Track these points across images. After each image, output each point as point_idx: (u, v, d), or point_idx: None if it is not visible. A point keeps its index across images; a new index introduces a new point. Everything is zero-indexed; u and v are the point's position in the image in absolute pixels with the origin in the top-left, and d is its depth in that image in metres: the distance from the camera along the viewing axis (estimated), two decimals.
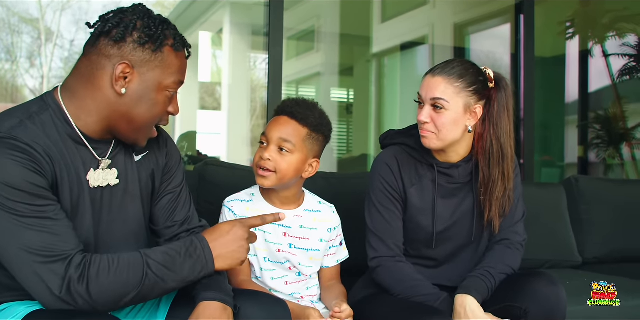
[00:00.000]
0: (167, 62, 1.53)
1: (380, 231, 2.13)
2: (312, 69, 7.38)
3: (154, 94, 1.53)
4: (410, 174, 2.14)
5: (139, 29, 1.49)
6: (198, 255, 1.51)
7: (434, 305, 1.99)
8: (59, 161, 1.46)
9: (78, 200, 1.51)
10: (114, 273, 1.39)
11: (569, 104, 6.81)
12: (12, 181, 1.35)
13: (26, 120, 1.45)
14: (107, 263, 1.40)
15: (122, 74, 1.48)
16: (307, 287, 2.13)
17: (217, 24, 7.07)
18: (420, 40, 7.03)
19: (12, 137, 1.39)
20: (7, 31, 5.67)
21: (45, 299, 1.37)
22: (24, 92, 5.82)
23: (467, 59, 2.15)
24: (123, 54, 1.48)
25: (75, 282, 1.35)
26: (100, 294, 1.37)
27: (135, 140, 1.59)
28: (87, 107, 1.51)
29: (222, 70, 7.08)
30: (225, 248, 1.55)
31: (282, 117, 2.03)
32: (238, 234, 1.58)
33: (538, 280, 1.98)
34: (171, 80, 1.54)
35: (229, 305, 1.55)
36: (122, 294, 1.40)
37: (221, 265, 1.56)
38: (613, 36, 6.40)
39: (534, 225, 2.93)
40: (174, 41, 1.54)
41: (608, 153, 6.32)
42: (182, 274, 1.48)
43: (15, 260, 1.37)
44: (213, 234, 1.57)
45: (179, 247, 1.50)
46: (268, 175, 1.98)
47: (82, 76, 1.51)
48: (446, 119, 2.00)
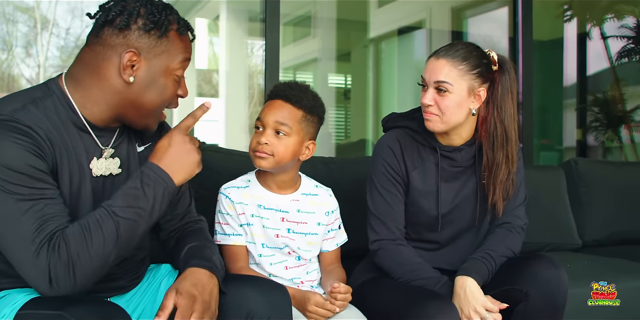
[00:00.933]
0: (173, 46, 1.53)
1: (381, 214, 2.13)
2: (309, 55, 7.35)
3: (162, 78, 1.53)
4: (412, 157, 2.14)
5: (142, 15, 1.49)
6: (154, 180, 1.47)
7: (434, 288, 2.00)
8: (59, 146, 1.46)
9: (79, 187, 1.51)
10: (90, 239, 1.37)
11: (567, 87, 6.80)
12: (13, 163, 1.34)
13: (29, 105, 1.44)
14: (79, 231, 1.38)
15: (129, 62, 1.48)
16: (307, 271, 2.13)
17: (214, 11, 7.03)
18: (417, 25, 7.00)
19: (14, 120, 1.39)
20: (3, 20, 5.63)
21: (38, 287, 1.37)
22: (21, 81, 5.80)
23: (471, 42, 2.14)
24: (128, 42, 1.48)
25: (55, 264, 1.34)
26: (84, 264, 1.37)
27: (146, 125, 1.60)
28: (93, 96, 1.51)
29: (219, 57, 7.05)
30: (175, 160, 1.52)
31: (277, 100, 2.03)
32: (179, 141, 1.54)
33: (539, 262, 1.98)
34: (178, 63, 1.54)
35: (216, 276, 1.55)
36: (107, 253, 1.39)
37: (180, 177, 1.52)
38: (611, 18, 6.39)
39: (534, 208, 2.93)
40: (178, 25, 1.55)
41: (607, 136, 6.33)
42: (149, 205, 1.46)
43: (11, 246, 1.37)
44: (156, 154, 1.53)
45: (133, 182, 1.47)
46: (265, 156, 1.98)
47: (87, 66, 1.51)
48: (450, 101, 1.99)
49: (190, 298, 1.45)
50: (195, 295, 1.46)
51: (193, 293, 1.46)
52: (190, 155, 1.54)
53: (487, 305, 1.91)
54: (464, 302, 1.92)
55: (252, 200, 2.04)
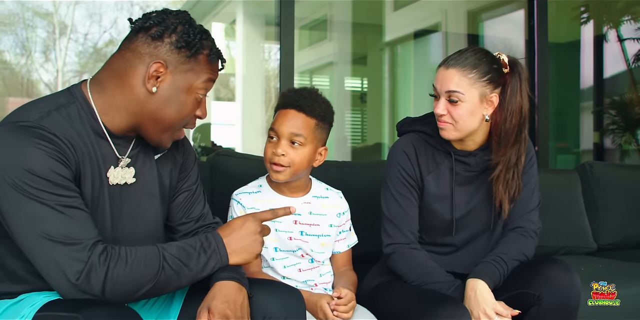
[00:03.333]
0: (199, 67, 1.55)
1: (396, 218, 2.13)
2: (325, 59, 7.36)
3: (183, 95, 1.55)
4: (427, 162, 2.14)
5: (178, 32, 1.52)
6: (213, 250, 1.54)
7: (447, 292, 2.00)
8: (82, 153, 1.48)
9: (99, 194, 1.53)
10: (132, 264, 1.41)
11: (584, 90, 6.76)
12: (38, 169, 1.37)
13: (54, 111, 1.47)
14: (126, 254, 1.42)
15: (155, 73, 1.50)
16: (320, 274, 2.15)
17: (230, 15, 7.07)
18: (433, 28, 6.99)
19: (40, 127, 1.41)
20: (22, 26, 5.70)
21: (61, 286, 1.39)
22: (39, 86, 5.86)
23: (480, 47, 2.13)
24: (158, 53, 1.50)
25: (95, 269, 1.37)
26: (116, 285, 1.39)
27: (160, 142, 1.61)
28: (115, 103, 1.53)
29: (236, 61, 7.08)
30: (239, 243, 1.59)
31: (290, 110, 2.04)
32: (251, 228, 1.61)
33: (552, 266, 1.97)
34: (201, 83, 1.56)
35: (244, 287, 1.57)
36: (138, 286, 1.42)
37: (236, 260, 1.59)
38: (628, 20, 6.34)
39: (549, 212, 2.93)
40: (209, 52, 1.57)
41: (624, 139, 6.27)
42: (197, 269, 1.51)
43: (36, 247, 1.38)
44: (226, 229, 1.60)
45: (194, 242, 1.53)
46: (282, 169, 2.00)
47: (114, 72, 1.53)
48: (463, 110, 1.99)
49: (223, 318, 1.48)
50: (228, 315, 1.49)
51: (226, 313, 1.48)
52: (254, 244, 1.62)
53: (497, 308, 1.91)
54: (474, 304, 1.93)
55: (264, 205, 2.05)
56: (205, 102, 1.63)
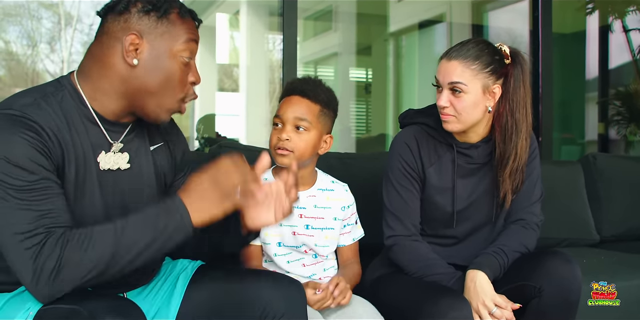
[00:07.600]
0: (174, 27, 1.52)
1: (397, 210, 2.14)
2: (330, 49, 7.35)
3: (167, 61, 1.52)
4: (429, 154, 2.15)
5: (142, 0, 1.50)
6: (170, 212, 1.42)
7: (447, 284, 2.01)
8: (67, 142, 1.45)
9: (84, 181, 1.50)
10: (86, 249, 1.34)
11: (589, 81, 6.73)
12: (15, 158, 1.34)
13: (40, 100, 1.45)
14: (80, 239, 1.34)
15: (132, 46, 1.48)
16: (324, 268, 2.16)
17: (234, 6, 7.06)
18: (437, 19, 6.98)
19: (24, 115, 1.39)
20: (27, 16, 5.70)
21: (27, 285, 1.35)
22: (45, 77, 5.87)
23: (482, 38, 2.13)
24: (129, 25, 1.48)
25: (42, 269, 1.31)
26: (70, 273, 1.33)
27: (157, 115, 1.56)
28: (102, 86, 1.51)
29: (240, 52, 7.07)
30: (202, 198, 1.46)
31: (294, 96, 2.06)
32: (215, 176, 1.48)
33: (553, 258, 1.97)
34: (182, 44, 1.52)
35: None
36: (90, 268, 1.35)
37: (202, 216, 1.45)
38: (634, 11, 6.30)
39: (551, 203, 2.93)
40: (180, 10, 1.54)
41: (629, 130, 6.24)
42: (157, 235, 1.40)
43: (4, 240, 1.35)
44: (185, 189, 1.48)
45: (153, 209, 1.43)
46: (287, 153, 2.01)
47: (94, 57, 1.52)
48: (466, 102, 1.99)
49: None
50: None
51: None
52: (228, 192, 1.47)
53: (496, 299, 1.92)
54: (473, 295, 1.94)
55: None
56: (194, 66, 1.58)
